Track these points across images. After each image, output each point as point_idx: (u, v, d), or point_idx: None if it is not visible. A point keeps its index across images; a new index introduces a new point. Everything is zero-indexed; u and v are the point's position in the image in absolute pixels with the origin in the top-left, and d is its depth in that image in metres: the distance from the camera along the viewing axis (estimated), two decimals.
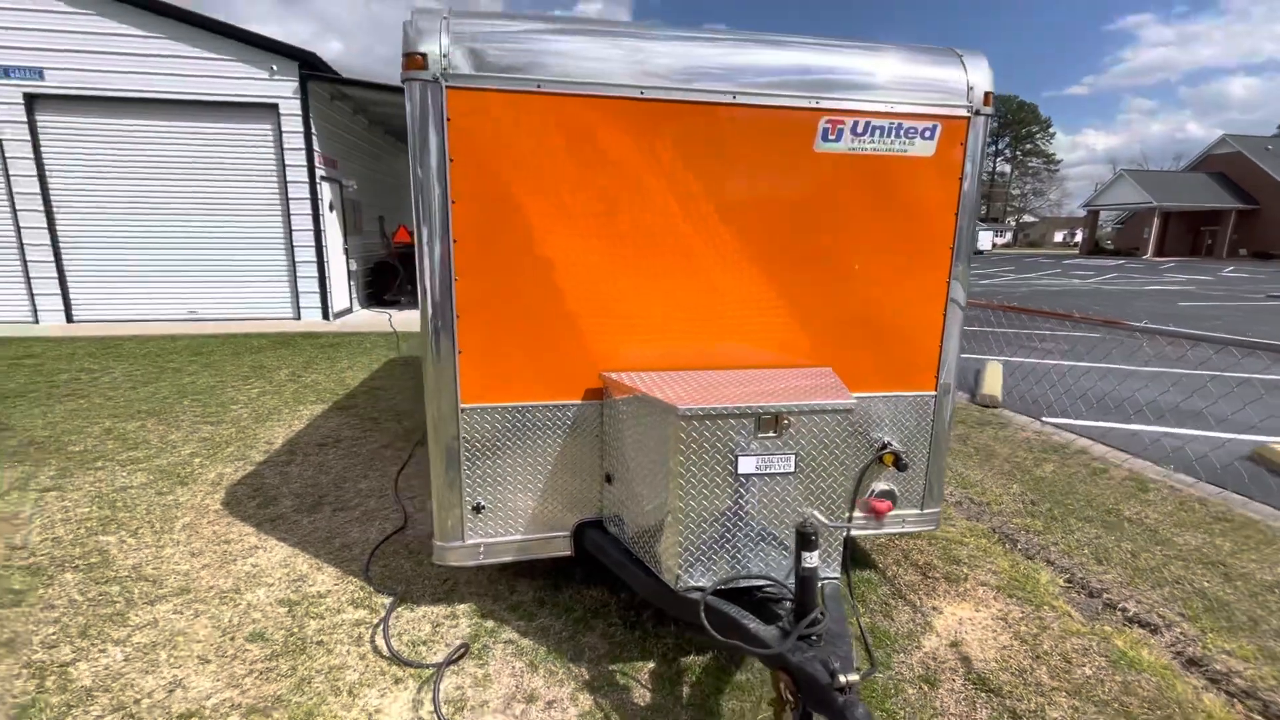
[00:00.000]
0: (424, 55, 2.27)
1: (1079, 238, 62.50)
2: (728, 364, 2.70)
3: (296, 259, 10.92)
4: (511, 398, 2.57)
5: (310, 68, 10.38)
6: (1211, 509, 3.96)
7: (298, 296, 11.05)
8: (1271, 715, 2.31)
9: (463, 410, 2.54)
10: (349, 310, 12.28)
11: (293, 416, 5.81)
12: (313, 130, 10.52)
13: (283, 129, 10.41)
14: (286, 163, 10.54)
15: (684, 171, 2.52)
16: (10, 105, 9.70)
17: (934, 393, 2.92)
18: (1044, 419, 5.99)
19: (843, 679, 1.60)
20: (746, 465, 2.13)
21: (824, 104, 2.55)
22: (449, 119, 2.32)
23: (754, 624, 1.92)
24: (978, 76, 2.67)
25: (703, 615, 2.00)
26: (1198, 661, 2.58)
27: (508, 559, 2.72)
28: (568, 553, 2.76)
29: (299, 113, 10.36)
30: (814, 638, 1.80)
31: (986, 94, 2.68)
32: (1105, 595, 3.04)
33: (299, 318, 11.11)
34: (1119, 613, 2.92)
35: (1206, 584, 3.14)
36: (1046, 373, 7.58)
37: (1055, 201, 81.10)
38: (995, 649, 2.66)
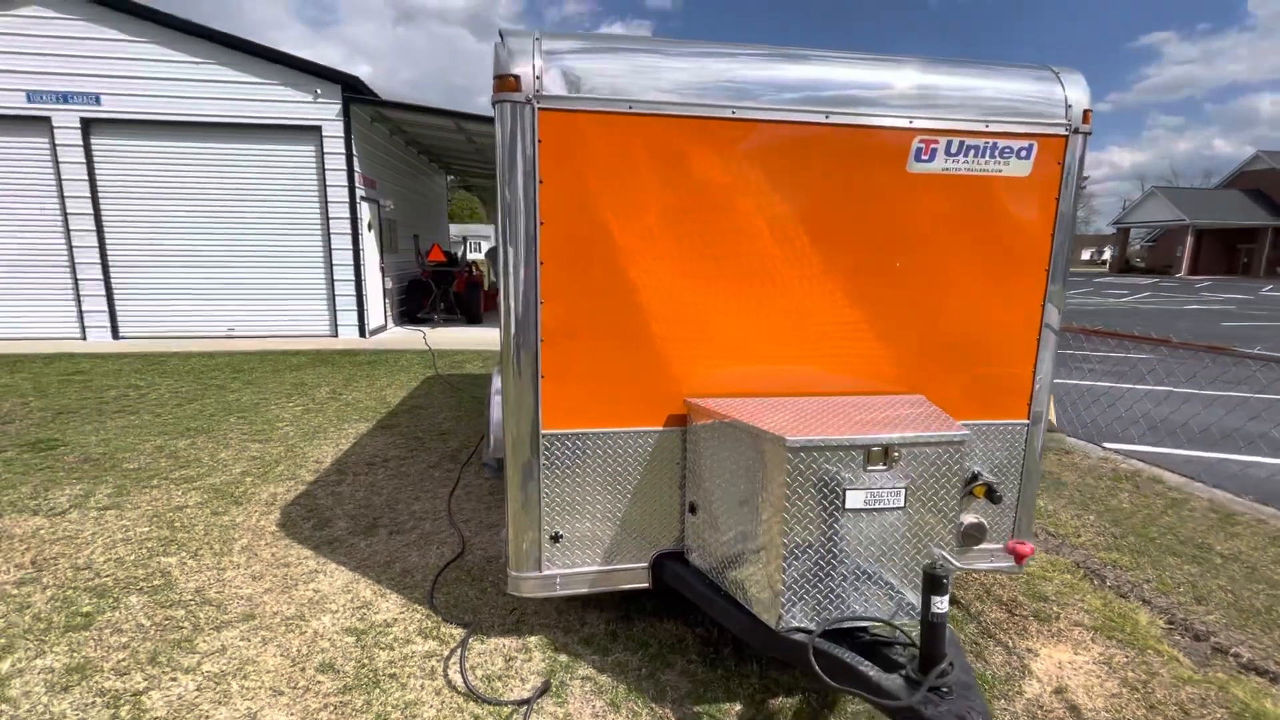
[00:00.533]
0: (517, 77, 2.24)
1: (1107, 255, 61.39)
2: (816, 390, 2.60)
3: (335, 277, 11.06)
4: (594, 424, 2.50)
5: (353, 90, 10.61)
6: None
7: (335, 314, 11.18)
8: None
9: (543, 436, 2.47)
10: (384, 328, 12.39)
11: (338, 435, 5.81)
12: (354, 152, 10.72)
13: (325, 150, 10.62)
14: (328, 183, 10.73)
15: (773, 193, 2.45)
16: (68, 130, 10.03)
17: (1026, 421, 2.79)
18: (1105, 445, 5.76)
19: None
20: (855, 500, 2.02)
21: (918, 123, 2.47)
22: (540, 140, 2.28)
23: (873, 671, 1.80)
24: (1076, 93, 2.58)
25: (812, 659, 1.88)
26: None
27: (584, 590, 2.62)
28: (646, 585, 2.66)
29: (341, 134, 10.57)
30: (944, 689, 1.67)
31: (1085, 111, 2.58)
32: (1213, 639, 2.84)
33: (336, 335, 11.23)
34: (1231, 659, 2.73)
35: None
36: (1085, 393, 7.33)
37: (1082, 219, 79.86)
38: (1104, 697, 2.49)
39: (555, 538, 2.55)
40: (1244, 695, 2.50)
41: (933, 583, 1.68)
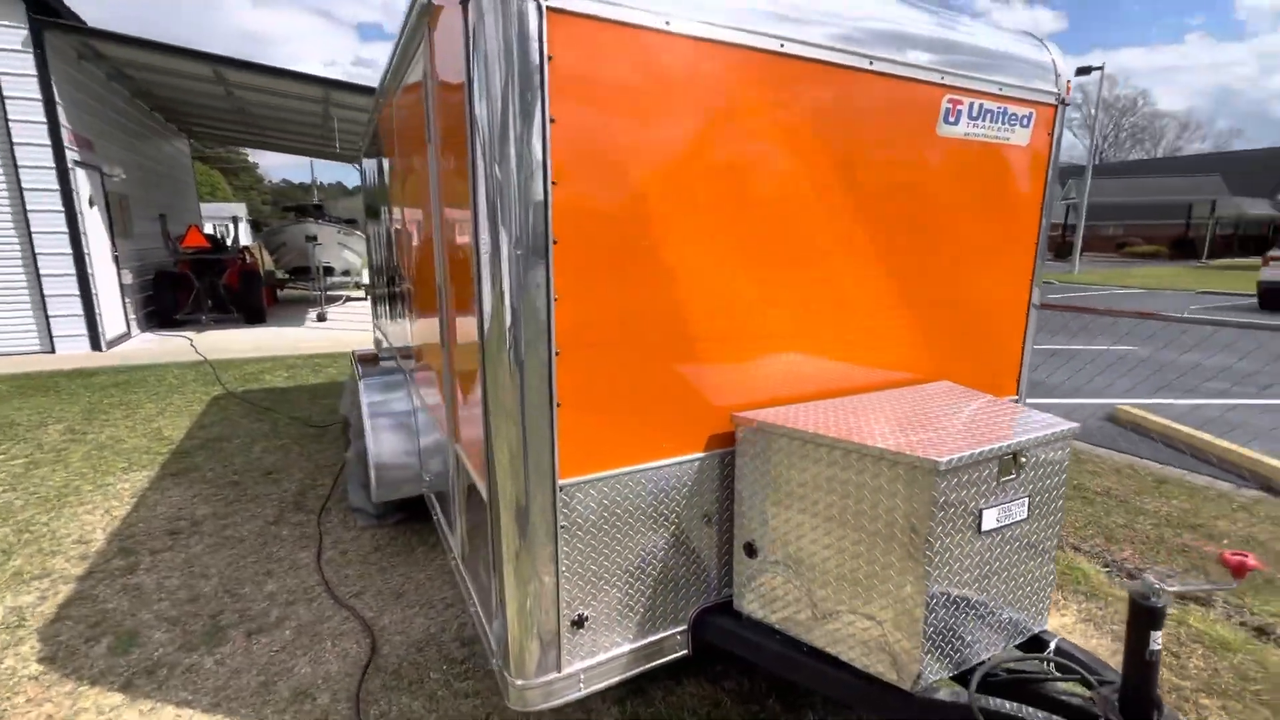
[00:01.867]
0: None
1: None
2: (859, 386, 2.25)
3: (42, 271, 8.10)
4: (625, 460, 1.85)
5: (47, 12, 7.72)
6: (1141, 472, 4.46)
7: (48, 321, 8.22)
8: None
9: (562, 488, 1.76)
10: (126, 335, 9.49)
11: (103, 495, 4.11)
12: (56, 98, 7.85)
13: (5, 94, 7.61)
14: (15, 141, 7.73)
15: (820, 152, 2.00)
16: None
17: (1016, 398, 2.77)
18: None
19: None
20: (990, 520, 1.70)
21: (948, 80, 2.21)
22: (552, 58, 1.54)
23: None
24: (1061, 62, 2.53)
25: None
26: (1265, 630, 2.74)
27: (614, 680, 1.98)
28: (685, 652, 2.10)
29: (33, 72, 7.64)
30: None
31: (1068, 82, 2.55)
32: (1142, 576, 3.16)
33: (53, 350, 8.27)
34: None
35: (1208, 547, 3.44)
36: None
37: None
38: (1108, 656, 2.57)
39: (579, 622, 1.86)
40: (1199, 625, 2.77)
41: (1150, 616, 1.43)
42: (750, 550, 2.00)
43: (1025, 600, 1.88)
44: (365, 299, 15.75)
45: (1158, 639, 1.43)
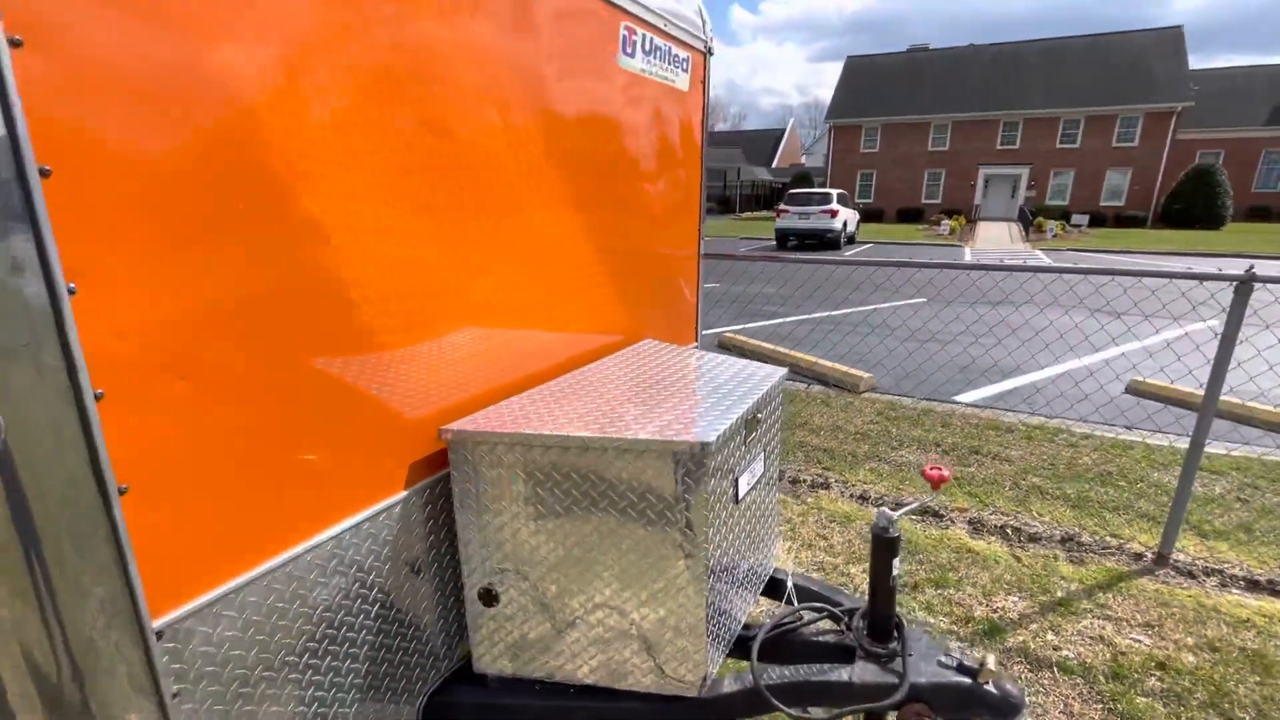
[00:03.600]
0: None
1: None
2: (569, 360, 1.93)
3: None
4: (283, 543, 1.14)
5: None
6: (816, 395, 5.41)
7: None
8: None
9: (161, 633, 0.98)
10: None
11: None
12: None
13: None
14: None
15: (500, 67, 1.53)
16: None
17: (696, 345, 2.87)
18: None
19: (990, 666, 1.44)
20: (744, 484, 1.60)
21: (623, 4, 1.96)
22: None
23: (842, 673, 1.50)
24: (705, 12, 2.55)
25: (776, 701, 1.45)
26: (865, 496, 3.55)
27: None
28: None
29: None
30: (909, 652, 1.55)
31: (711, 33, 2.60)
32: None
33: None
34: (839, 488, 3.71)
35: (832, 441, 4.32)
36: None
37: None
38: (831, 543, 2.97)
39: None
40: (829, 505, 3.43)
41: (890, 545, 1.49)
42: (488, 597, 1.52)
43: (763, 548, 1.90)
44: None
45: (897, 565, 1.53)
